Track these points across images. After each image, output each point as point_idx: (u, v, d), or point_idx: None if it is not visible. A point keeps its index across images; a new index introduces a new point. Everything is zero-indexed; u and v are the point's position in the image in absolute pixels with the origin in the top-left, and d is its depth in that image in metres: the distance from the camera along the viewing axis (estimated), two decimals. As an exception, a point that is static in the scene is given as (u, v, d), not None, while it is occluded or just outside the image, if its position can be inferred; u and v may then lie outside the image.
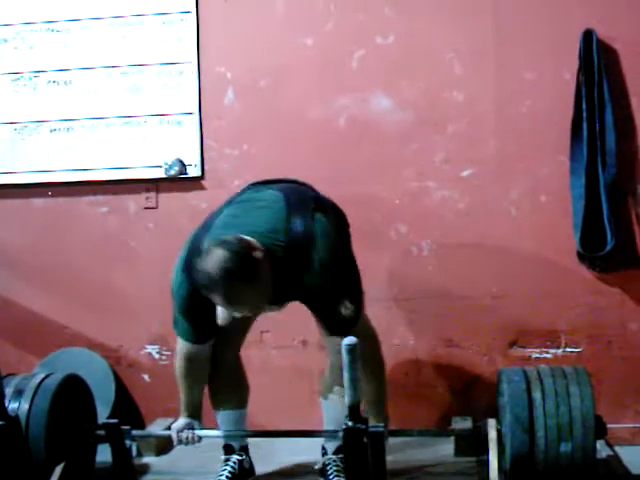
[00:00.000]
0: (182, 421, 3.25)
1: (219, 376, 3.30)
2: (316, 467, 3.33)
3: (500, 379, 3.17)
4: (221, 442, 3.41)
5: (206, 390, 3.31)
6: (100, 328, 4.21)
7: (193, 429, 3.23)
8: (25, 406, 3.16)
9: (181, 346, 3.16)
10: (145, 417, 4.17)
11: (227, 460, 3.35)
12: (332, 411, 3.26)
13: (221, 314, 3.27)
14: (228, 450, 3.38)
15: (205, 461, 3.60)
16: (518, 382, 3.01)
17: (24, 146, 4.25)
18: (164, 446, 3.83)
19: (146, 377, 4.22)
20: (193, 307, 3.02)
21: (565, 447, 2.90)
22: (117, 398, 4.10)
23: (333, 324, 2.98)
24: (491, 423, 3.11)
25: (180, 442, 3.25)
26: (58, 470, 3.11)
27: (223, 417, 3.37)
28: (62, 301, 4.24)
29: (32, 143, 4.24)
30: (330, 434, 3.20)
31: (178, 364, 3.20)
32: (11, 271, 4.28)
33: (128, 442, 3.16)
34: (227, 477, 3.28)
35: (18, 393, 3.21)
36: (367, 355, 2.99)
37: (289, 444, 3.73)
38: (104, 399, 3.99)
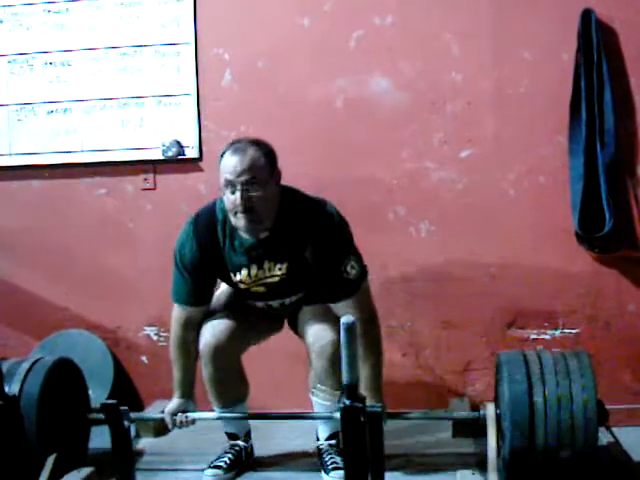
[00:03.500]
0: (175, 403, 3.27)
1: (219, 380, 3.28)
2: (310, 451, 3.34)
3: (500, 368, 3.11)
4: (219, 424, 3.42)
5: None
6: (98, 310, 4.21)
7: (187, 411, 3.25)
8: (16, 390, 3.15)
9: (177, 313, 3.22)
10: (144, 399, 4.18)
11: (234, 446, 3.37)
12: (319, 407, 3.28)
13: (222, 296, 3.29)
14: (232, 437, 3.40)
15: (203, 443, 3.63)
16: (520, 383, 2.93)
17: (21, 128, 4.23)
18: (163, 428, 3.83)
19: (144, 359, 4.23)
20: (195, 265, 3.11)
21: (565, 454, 2.89)
22: (115, 380, 4.10)
23: (338, 284, 3.04)
24: (490, 410, 3.11)
25: (174, 425, 3.26)
26: (50, 461, 3.12)
27: (224, 412, 3.37)
28: (60, 283, 4.24)
29: (29, 125, 4.22)
30: (326, 416, 3.21)
31: (173, 334, 3.24)
32: (9, 253, 4.27)
33: (127, 423, 3.17)
34: (229, 459, 3.30)
35: (9, 377, 3.20)
36: (370, 337, 3.07)
37: (286, 427, 3.76)
38: (102, 381, 4.00)
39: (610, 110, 3.73)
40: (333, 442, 3.23)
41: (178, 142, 4.11)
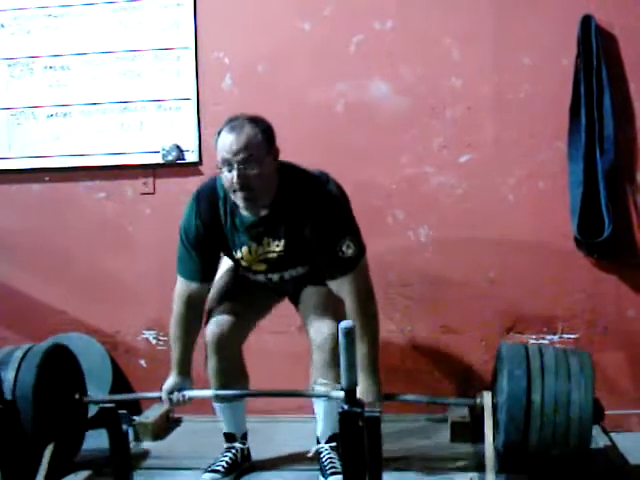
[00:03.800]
0: (172, 380, 3.27)
1: (222, 370, 3.30)
2: (309, 455, 3.34)
3: (501, 361, 3.08)
4: (220, 428, 3.43)
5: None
6: (97, 313, 4.21)
7: (183, 389, 3.25)
8: (10, 377, 3.17)
9: (181, 288, 3.21)
10: (142, 402, 4.16)
11: (230, 448, 3.37)
12: (319, 403, 3.28)
13: (223, 278, 3.35)
14: (230, 438, 3.39)
15: (202, 446, 3.63)
16: (520, 379, 2.93)
17: (21, 131, 4.24)
18: (161, 431, 3.85)
19: (143, 362, 4.23)
20: (199, 241, 3.13)
21: (557, 452, 2.90)
22: (114, 383, 4.10)
23: (334, 262, 3.06)
24: (487, 399, 3.11)
25: (171, 403, 3.27)
26: (48, 452, 3.15)
27: (223, 409, 3.37)
28: (59, 286, 4.25)
29: (29, 128, 4.23)
30: (320, 395, 3.21)
31: (175, 311, 3.23)
32: (9, 256, 4.28)
33: (125, 427, 3.16)
34: (227, 463, 3.29)
35: (3, 365, 3.22)
36: (367, 314, 3.08)
37: (285, 430, 3.77)
38: (101, 384, 3.99)
39: (609, 116, 3.74)
40: (333, 444, 3.22)
41: (178, 146, 4.11)
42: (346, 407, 2.59)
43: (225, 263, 3.41)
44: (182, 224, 3.17)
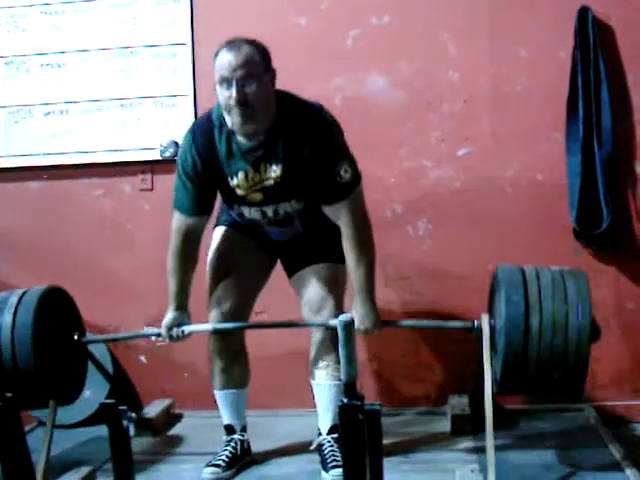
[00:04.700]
0: (171, 315, 3.30)
1: (225, 353, 3.35)
2: (311, 447, 3.34)
3: (497, 285, 3.12)
4: (220, 423, 3.43)
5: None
6: (97, 310, 4.18)
7: (182, 324, 3.29)
8: (8, 321, 3.20)
9: (178, 222, 3.24)
10: (142, 398, 4.17)
11: (230, 441, 3.37)
12: (321, 389, 3.30)
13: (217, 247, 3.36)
14: (229, 430, 3.40)
15: (203, 442, 3.63)
16: (517, 305, 2.94)
17: (18, 129, 4.23)
18: (162, 427, 3.85)
19: (143, 358, 4.22)
20: (197, 173, 3.14)
21: (556, 375, 2.93)
22: (114, 380, 4.10)
23: (332, 187, 3.08)
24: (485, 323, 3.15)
25: (171, 339, 3.31)
26: (52, 405, 3.23)
27: (224, 396, 3.39)
28: (58, 284, 4.17)
29: (26, 126, 4.23)
30: (319, 325, 3.26)
31: (172, 246, 3.27)
32: (7, 254, 4.27)
33: (125, 423, 3.16)
34: (227, 457, 3.30)
35: None
36: (363, 239, 3.13)
37: (286, 424, 3.78)
38: (101, 380, 3.97)
39: (607, 107, 3.74)
40: (335, 435, 3.22)
41: (175, 142, 4.10)
42: (346, 400, 2.59)
43: (218, 237, 3.43)
44: (179, 157, 3.19)
